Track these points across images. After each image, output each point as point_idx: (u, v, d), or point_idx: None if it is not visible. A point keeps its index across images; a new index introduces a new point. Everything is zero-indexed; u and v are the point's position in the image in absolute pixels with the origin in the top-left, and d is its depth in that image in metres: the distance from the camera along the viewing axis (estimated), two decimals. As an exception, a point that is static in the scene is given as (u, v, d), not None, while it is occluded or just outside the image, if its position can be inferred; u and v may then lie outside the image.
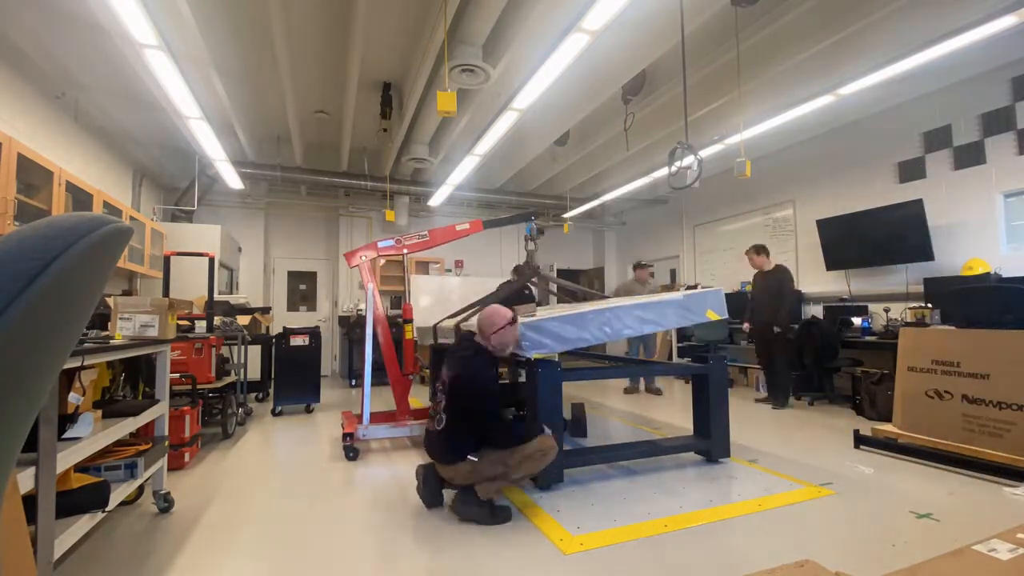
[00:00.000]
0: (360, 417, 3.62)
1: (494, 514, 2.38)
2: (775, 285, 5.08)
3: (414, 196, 7.67)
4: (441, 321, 4.42)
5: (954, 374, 3.17)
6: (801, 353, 5.17)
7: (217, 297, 4.44)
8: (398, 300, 7.94)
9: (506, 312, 2.60)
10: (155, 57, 3.27)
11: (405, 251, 3.91)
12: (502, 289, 4.17)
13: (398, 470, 3.22)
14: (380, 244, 3.89)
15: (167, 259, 3.93)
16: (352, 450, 3.45)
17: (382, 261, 7.57)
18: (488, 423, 2.42)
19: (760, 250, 5.28)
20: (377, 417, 3.73)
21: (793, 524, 2.32)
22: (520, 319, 2.70)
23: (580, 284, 10.35)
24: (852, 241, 5.42)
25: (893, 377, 3.66)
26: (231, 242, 6.93)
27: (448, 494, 2.58)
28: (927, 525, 2.27)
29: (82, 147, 4.87)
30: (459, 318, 4.07)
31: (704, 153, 4.81)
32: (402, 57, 4.41)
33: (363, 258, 3.84)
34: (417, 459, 3.39)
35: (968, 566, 1.09)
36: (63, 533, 1.66)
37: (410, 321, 3.97)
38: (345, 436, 3.46)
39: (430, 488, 2.54)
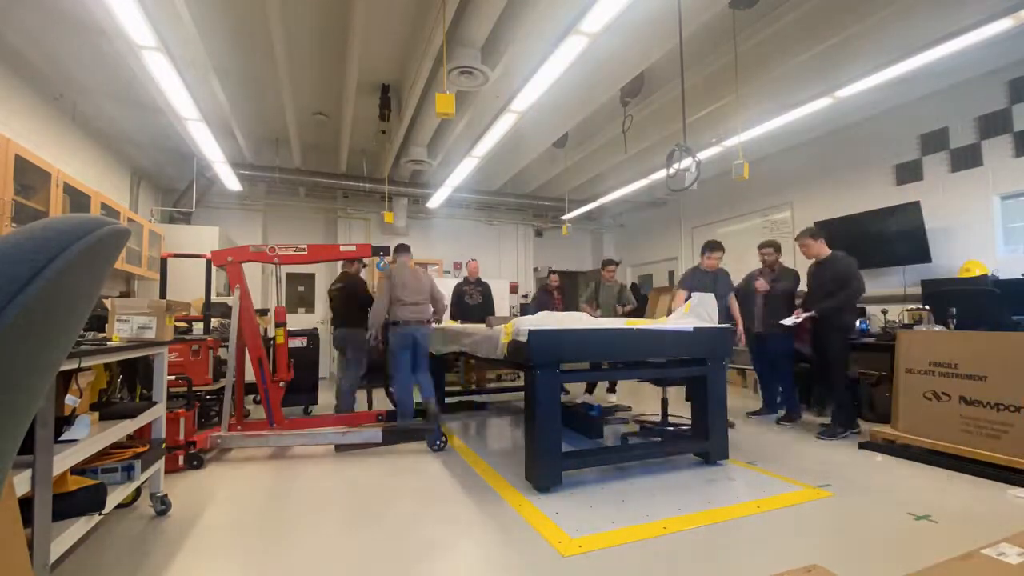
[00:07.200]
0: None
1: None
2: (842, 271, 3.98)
3: (413, 198, 7.68)
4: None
5: (952, 376, 3.18)
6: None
7: (215, 299, 4.43)
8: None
9: None
10: (153, 59, 3.27)
11: (277, 260, 3.77)
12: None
13: (389, 477, 3.21)
14: (251, 249, 3.75)
15: (165, 261, 3.92)
16: (195, 458, 3.25)
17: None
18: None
19: (816, 234, 4.20)
20: (250, 425, 3.69)
21: (792, 525, 2.32)
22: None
23: (578, 286, 10.37)
24: (850, 243, 5.41)
25: (891, 379, 3.66)
26: (229, 244, 6.91)
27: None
28: (925, 527, 2.27)
29: (80, 148, 4.86)
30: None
31: (702, 155, 4.81)
32: (401, 59, 4.41)
33: (230, 259, 3.71)
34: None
35: (977, 570, 1.09)
36: (60, 536, 1.66)
37: (282, 324, 3.83)
38: (188, 443, 3.23)
39: None
